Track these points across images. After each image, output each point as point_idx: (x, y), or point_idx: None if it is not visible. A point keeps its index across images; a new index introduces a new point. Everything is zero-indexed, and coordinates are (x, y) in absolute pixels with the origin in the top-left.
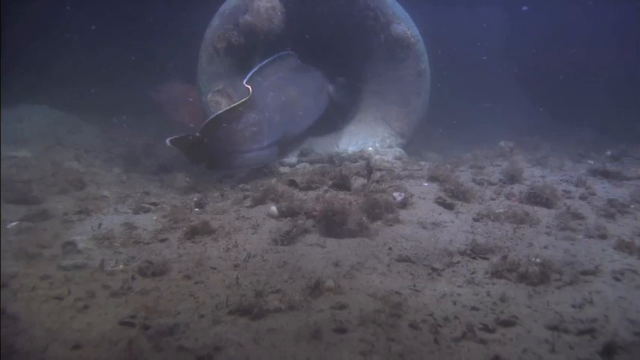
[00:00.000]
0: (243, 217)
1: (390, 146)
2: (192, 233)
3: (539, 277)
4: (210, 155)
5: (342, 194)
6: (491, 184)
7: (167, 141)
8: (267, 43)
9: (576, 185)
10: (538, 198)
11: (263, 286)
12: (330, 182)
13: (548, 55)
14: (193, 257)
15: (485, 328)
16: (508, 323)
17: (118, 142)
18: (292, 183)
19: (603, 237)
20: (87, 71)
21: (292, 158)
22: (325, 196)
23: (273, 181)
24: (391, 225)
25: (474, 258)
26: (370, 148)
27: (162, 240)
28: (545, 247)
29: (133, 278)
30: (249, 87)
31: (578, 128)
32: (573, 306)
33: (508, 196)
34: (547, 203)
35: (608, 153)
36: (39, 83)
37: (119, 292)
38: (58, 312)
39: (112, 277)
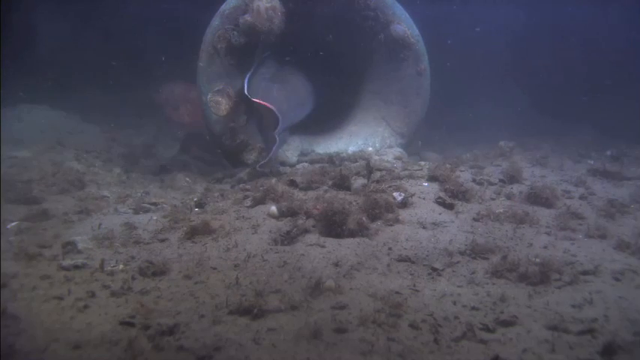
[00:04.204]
0: (243, 217)
1: (390, 146)
2: (193, 233)
3: (539, 277)
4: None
5: (342, 194)
6: (491, 184)
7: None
8: (267, 43)
9: (576, 185)
10: (538, 198)
11: (263, 286)
12: (330, 182)
13: (551, 54)
14: (193, 257)
15: (486, 328)
16: (508, 323)
17: (119, 143)
18: (292, 183)
19: (603, 237)
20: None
21: (292, 158)
22: (325, 196)
23: (273, 181)
24: (391, 225)
25: (474, 258)
26: (370, 148)
27: (163, 240)
28: (545, 247)
29: (133, 278)
30: (256, 100)
31: (579, 128)
32: (573, 306)
33: (509, 196)
34: (547, 203)
35: (608, 153)
36: (39, 84)
37: (119, 292)
38: (58, 312)
39: (112, 277)
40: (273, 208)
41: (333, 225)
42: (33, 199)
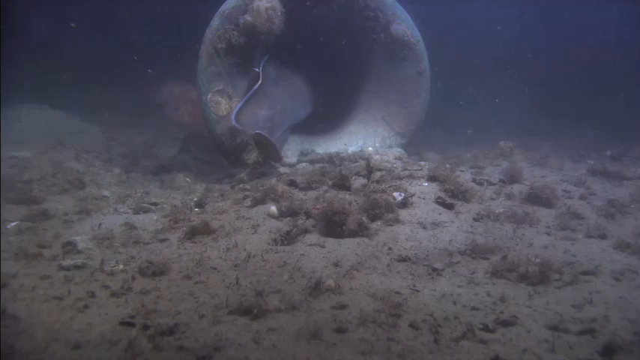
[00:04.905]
0: (243, 217)
1: (390, 146)
2: (192, 233)
3: (539, 277)
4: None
5: (342, 194)
6: (491, 184)
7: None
8: (267, 43)
9: (576, 185)
10: (538, 198)
11: (263, 286)
12: (330, 182)
13: (552, 54)
14: (193, 257)
15: (486, 328)
16: (508, 323)
17: (119, 142)
18: (292, 183)
19: (603, 237)
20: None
21: (292, 158)
22: (325, 196)
23: (273, 181)
24: (391, 225)
25: (474, 258)
26: (370, 148)
27: (163, 240)
28: (545, 247)
29: (133, 278)
30: (260, 73)
31: (579, 128)
32: (573, 306)
33: (509, 196)
34: (547, 203)
35: (608, 153)
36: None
37: (119, 292)
38: (58, 312)
39: (112, 277)
40: (273, 208)
41: (333, 225)
42: (33, 199)
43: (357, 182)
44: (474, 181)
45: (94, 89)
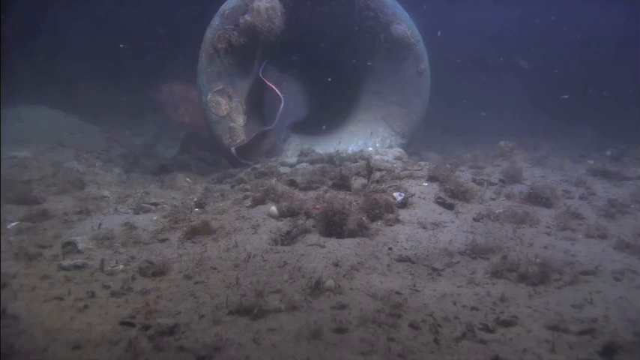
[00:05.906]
0: (243, 217)
1: (390, 146)
2: (193, 233)
3: (539, 277)
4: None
5: (342, 194)
6: (491, 184)
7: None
8: (267, 43)
9: (576, 185)
10: (538, 198)
11: (263, 286)
12: (330, 182)
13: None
14: (193, 257)
15: (486, 328)
16: (508, 323)
17: (119, 142)
18: (292, 183)
19: (603, 237)
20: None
21: (292, 158)
22: (325, 196)
23: (273, 181)
24: (391, 225)
25: (474, 258)
26: (370, 148)
27: (163, 240)
28: (545, 247)
29: (133, 278)
30: (279, 94)
31: (579, 128)
32: (573, 306)
33: (509, 196)
34: (547, 203)
35: (608, 153)
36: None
37: (119, 292)
38: (58, 312)
39: (112, 277)
40: (273, 208)
41: (333, 225)
42: (33, 199)
43: (357, 182)
44: (474, 181)
45: (94, 89)
